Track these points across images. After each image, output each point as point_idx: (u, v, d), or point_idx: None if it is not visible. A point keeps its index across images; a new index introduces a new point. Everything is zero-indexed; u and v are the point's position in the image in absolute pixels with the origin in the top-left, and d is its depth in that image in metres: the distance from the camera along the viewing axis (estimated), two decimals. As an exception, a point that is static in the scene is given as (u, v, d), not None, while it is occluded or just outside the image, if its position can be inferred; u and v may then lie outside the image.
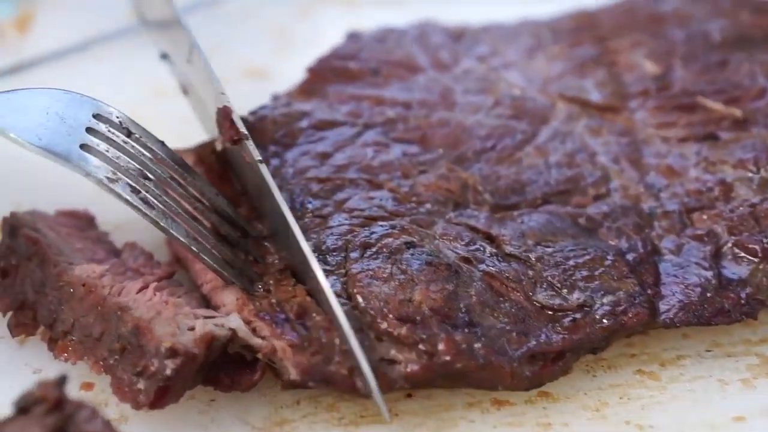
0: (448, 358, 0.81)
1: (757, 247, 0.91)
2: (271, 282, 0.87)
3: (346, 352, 0.81)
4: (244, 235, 0.91)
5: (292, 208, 0.91)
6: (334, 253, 0.88)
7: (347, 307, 0.83)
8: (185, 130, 1.04)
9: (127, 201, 0.84)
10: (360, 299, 0.83)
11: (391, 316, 0.82)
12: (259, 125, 1.01)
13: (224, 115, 0.91)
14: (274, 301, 0.85)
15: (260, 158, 0.89)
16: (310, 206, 0.93)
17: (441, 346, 0.81)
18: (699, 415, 0.85)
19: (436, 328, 0.82)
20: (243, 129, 0.90)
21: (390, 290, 0.84)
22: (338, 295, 0.83)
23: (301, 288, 0.86)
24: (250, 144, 0.90)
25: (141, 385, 0.80)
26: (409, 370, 0.80)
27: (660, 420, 0.84)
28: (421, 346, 0.81)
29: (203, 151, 0.99)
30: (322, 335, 0.82)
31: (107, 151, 0.86)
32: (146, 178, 0.86)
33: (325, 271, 0.85)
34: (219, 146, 0.93)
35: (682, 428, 0.83)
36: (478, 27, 1.25)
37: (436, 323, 0.82)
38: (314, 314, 0.83)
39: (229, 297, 0.86)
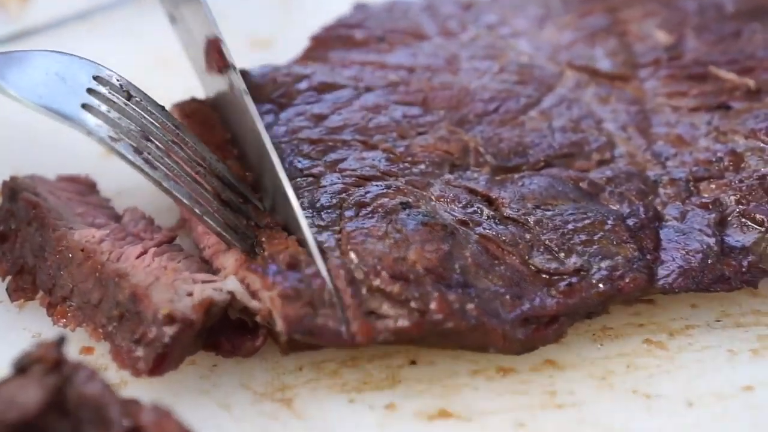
0: (439, 317, 0.80)
1: (764, 217, 0.90)
2: (263, 239, 0.85)
3: (334, 306, 0.80)
4: (245, 201, 0.89)
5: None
6: (329, 210, 0.87)
7: (339, 261, 0.82)
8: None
9: (129, 161, 0.83)
10: (353, 256, 0.82)
11: (384, 273, 0.81)
12: (258, 80, 0.99)
13: (213, 46, 0.90)
14: (266, 254, 0.83)
15: (245, 88, 0.88)
16: (299, 165, 0.91)
17: (433, 305, 0.80)
18: (707, 384, 0.83)
19: (430, 287, 0.81)
20: (231, 59, 0.90)
21: (384, 248, 0.83)
22: (332, 250, 0.83)
23: (293, 239, 0.84)
24: (236, 73, 0.89)
25: (139, 352, 0.79)
26: (398, 325, 0.79)
27: (667, 389, 0.83)
28: (413, 304, 0.80)
29: (187, 104, 0.99)
30: (313, 285, 0.80)
31: (108, 112, 0.85)
32: (148, 140, 0.85)
33: (318, 227, 0.84)
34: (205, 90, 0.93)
35: (689, 398, 0.82)
36: (487, -1, 1.23)
37: (430, 282, 0.81)
38: (305, 265, 0.82)
39: (229, 260, 0.85)
